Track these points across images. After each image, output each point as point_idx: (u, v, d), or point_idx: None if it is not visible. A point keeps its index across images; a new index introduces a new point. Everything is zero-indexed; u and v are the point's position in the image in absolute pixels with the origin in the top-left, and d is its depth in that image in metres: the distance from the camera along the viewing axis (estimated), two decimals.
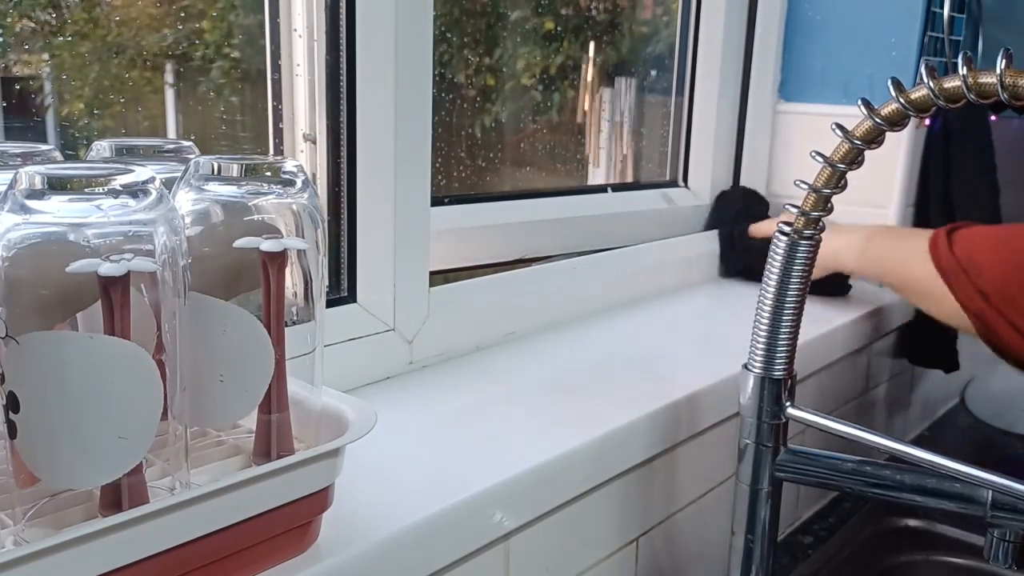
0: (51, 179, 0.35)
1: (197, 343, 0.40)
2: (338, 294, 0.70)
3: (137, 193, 0.36)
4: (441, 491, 0.52)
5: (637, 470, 0.67)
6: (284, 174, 0.42)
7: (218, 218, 0.41)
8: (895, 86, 0.53)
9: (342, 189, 0.69)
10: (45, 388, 0.34)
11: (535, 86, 1.03)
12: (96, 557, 0.34)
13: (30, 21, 0.59)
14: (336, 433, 0.44)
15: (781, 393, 0.62)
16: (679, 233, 1.10)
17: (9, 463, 0.36)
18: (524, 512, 0.57)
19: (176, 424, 0.39)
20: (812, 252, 0.60)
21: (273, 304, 0.42)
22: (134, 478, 0.37)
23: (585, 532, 0.64)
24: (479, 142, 0.96)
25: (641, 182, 1.17)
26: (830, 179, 0.57)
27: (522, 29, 1.01)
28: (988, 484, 0.56)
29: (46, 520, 0.38)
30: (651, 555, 0.72)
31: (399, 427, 0.61)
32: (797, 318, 0.61)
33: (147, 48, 0.64)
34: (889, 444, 0.59)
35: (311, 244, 0.43)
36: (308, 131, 0.69)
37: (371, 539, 0.47)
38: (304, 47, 0.68)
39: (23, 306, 0.34)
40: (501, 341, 0.81)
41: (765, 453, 0.63)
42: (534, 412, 0.65)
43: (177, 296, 0.38)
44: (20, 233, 0.34)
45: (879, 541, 0.96)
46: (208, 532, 0.38)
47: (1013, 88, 0.49)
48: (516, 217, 0.90)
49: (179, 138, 0.65)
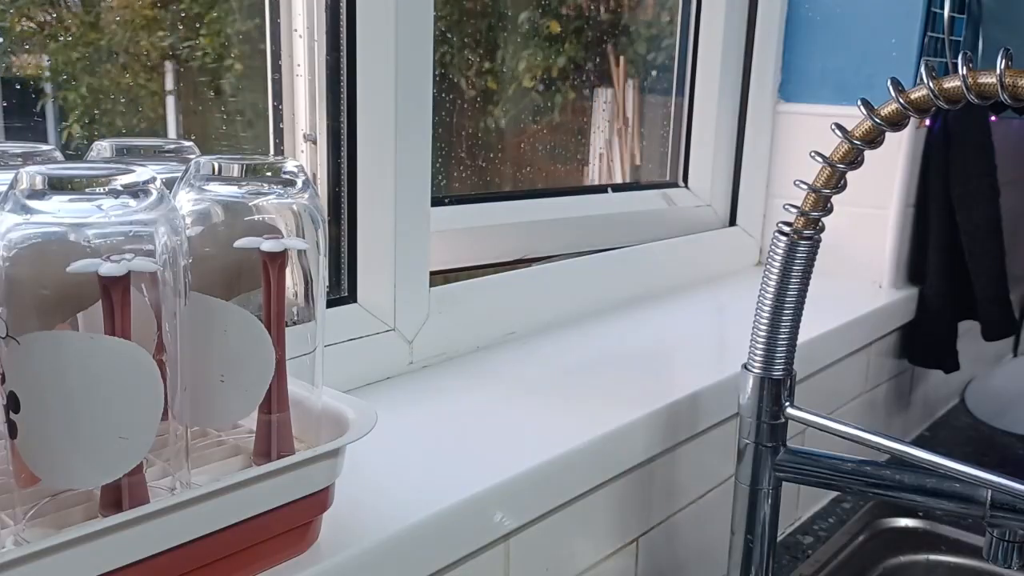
0: (52, 179, 0.35)
1: (198, 343, 0.40)
2: (338, 294, 0.70)
3: (138, 193, 0.36)
4: (441, 491, 0.52)
5: (637, 470, 0.67)
6: (285, 174, 0.42)
7: (219, 218, 0.41)
8: (895, 86, 0.53)
9: (342, 189, 0.69)
10: (46, 388, 0.34)
11: (535, 82, 1.03)
12: (96, 557, 0.34)
13: (30, 21, 0.59)
14: (336, 433, 0.44)
15: (781, 393, 0.62)
16: (679, 233, 1.10)
17: (9, 463, 0.36)
18: (524, 512, 0.57)
19: (176, 424, 0.39)
20: (812, 252, 0.60)
21: (274, 304, 0.42)
22: (134, 478, 0.37)
23: (585, 532, 0.64)
24: (479, 142, 0.96)
25: (641, 182, 1.17)
26: (830, 179, 0.57)
27: (523, 30, 1.01)
28: (988, 484, 0.56)
29: (46, 520, 0.38)
30: (651, 555, 0.72)
31: (399, 427, 0.61)
32: (797, 318, 0.61)
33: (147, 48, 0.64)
34: (889, 444, 0.59)
35: (311, 244, 0.43)
36: (308, 131, 0.69)
37: (371, 539, 0.47)
38: (304, 47, 0.68)
39: (24, 306, 0.34)
40: (501, 341, 0.81)
41: (765, 453, 0.63)
42: (534, 412, 0.65)
43: (178, 296, 0.38)
44: (21, 233, 0.34)
45: (879, 541, 0.96)
46: (208, 532, 0.38)
47: (1013, 88, 0.49)
48: (516, 217, 0.90)
49: (179, 138, 0.65)
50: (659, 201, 1.11)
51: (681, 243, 1.08)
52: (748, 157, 1.17)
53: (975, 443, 1.26)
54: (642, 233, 1.05)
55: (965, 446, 1.25)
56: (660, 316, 0.94)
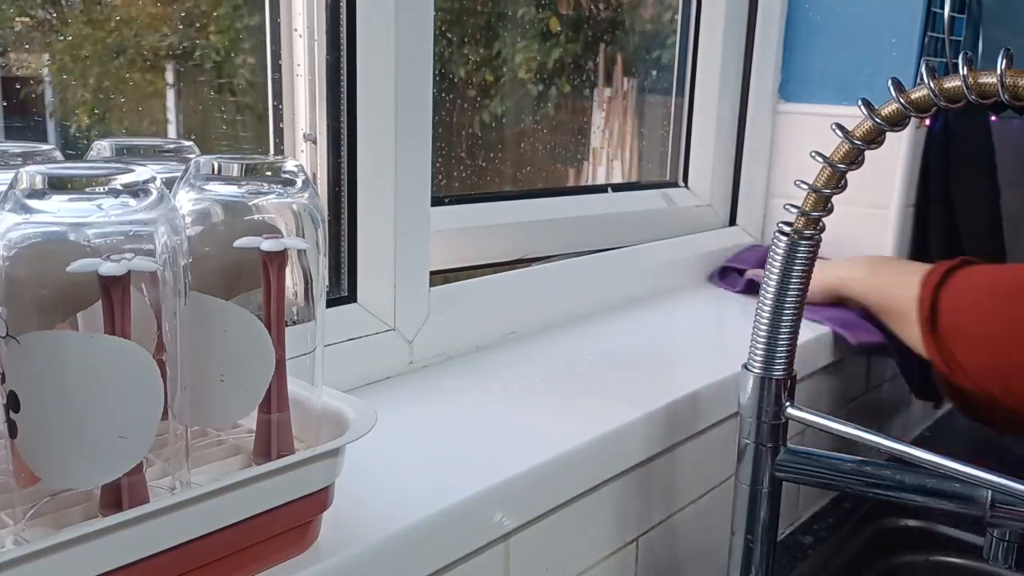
0: (52, 179, 0.35)
1: (197, 343, 0.40)
2: (338, 294, 0.70)
3: (138, 193, 0.36)
4: (441, 491, 0.52)
5: (637, 470, 0.67)
6: (284, 174, 0.42)
7: (218, 218, 0.41)
8: (895, 86, 0.53)
9: (342, 189, 0.69)
10: (45, 388, 0.34)
11: (535, 85, 1.03)
12: (96, 557, 0.34)
13: (31, 20, 0.59)
14: (336, 433, 0.44)
15: (781, 393, 0.62)
16: (679, 233, 1.10)
17: (9, 463, 0.36)
18: (524, 512, 0.57)
19: (176, 424, 0.39)
20: (812, 252, 0.60)
21: (273, 304, 0.42)
22: (134, 478, 0.37)
23: (585, 532, 0.64)
24: (479, 141, 0.96)
25: (641, 182, 1.17)
26: (830, 179, 0.57)
27: (523, 28, 1.01)
28: (988, 484, 0.56)
29: (46, 520, 0.38)
30: (651, 555, 0.72)
31: (399, 427, 0.61)
32: (797, 318, 0.61)
33: (147, 48, 0.64)
34: (889, 444, 0.59)
35: (311, 244, 0.43)
36: (308, 131, 0.69)
37: (371, 539, 0.47)
38: (304, 47, 0.68)
39: (24, 305, 0.34)
40: (501, 341, 0.81)
41: (765, 453, 0.63)
42: (534, 412, 0.65)
43: (178, 296, 0.38)
44: (21, 232, 0.34)
45: (879, 541, 0.96)
46: (208, 532, 0.38)
47: (1013, 88, 0.49)
48: (516, 217, 0.90)
49: (179, 138, 0.65)
50: (659, 201, 1.11)
51: (681, 243, 1.08)
52: (748, 157, 1.17)
53: (975, 443, 1.26)
54: (642, 233, 1.04)
55: (965, 446, 1.25)
56: (660, 316, 0.94)
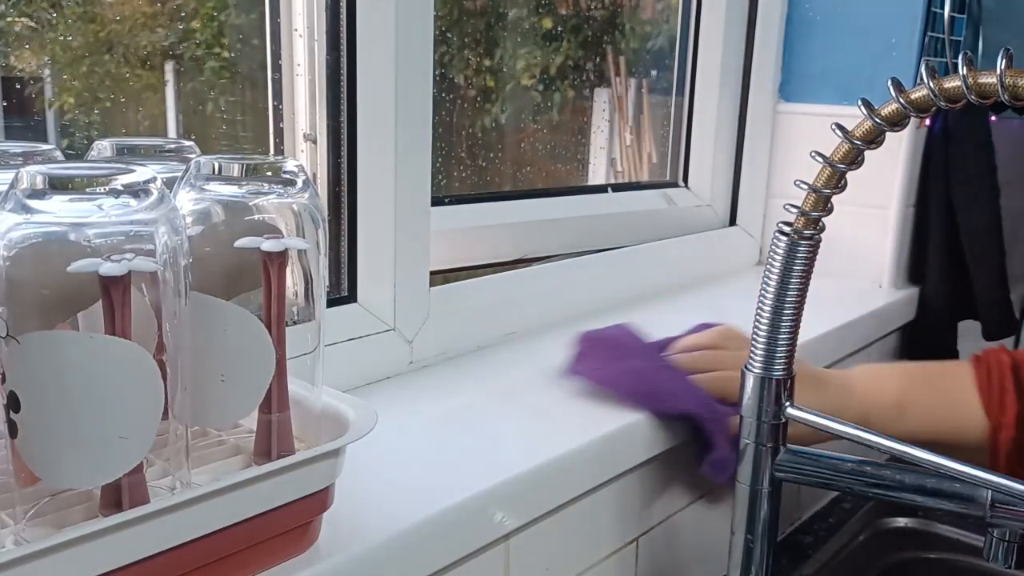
0: (52, 179, 0.35)
1: (198, 343, 0.40)
2: (338, 294, 0.70)
3: (138, 193, 0.36)
4: (441, 491, 0.52)
5: (637, 470, 0.67)
6: (285, 174, 0.42)
7: (219, 218, 0.41)
8: (895, 86, 0.53)
9: (342, 189, 0.69)
10: (46, 388, 0.34)
11: (535, 86, 1.03)
12: (96, 557, 0.34)
13: (30, 20, 0.59)
14: (336, 433, 0.44)
15: (781, 393, 0.62)
16: (679, 233, 1.10)
17: (10, 463, 0.36)
18: (524, 512, 0.57)
19: (177, 424, 0.39)
20: (812, 252, 0.60)
21: (274, 304, 0.42)
22: (134, 478, 0.37)
23: (585, 532, 0.64)
24: (479, 142, 0.96)
25: (641, 182, 1.17)
26: (830, 179, 0.57)
27: (522, 29, 1.01)
28: (988, 484, 0.56)
29: (46, 520, 0.38)
30: (651, 555, 0.72)
31: (399, 427, 0.61)
32: (797, 318, 0.61)
33: (146, 47, 0.64)
34: (889, 444, 0.59)
35: (312, 244, 0.43)
36: (308, 131, 0.69)
37: (371, 539, 0.47)
38: (304, 47, 0.68)
39: (24, 306, 0.34)
40: (501, 341, 0.81)
41: (765, 453, 0.63)
42: (534, 412, 0.65)
43: (178, 296, 0.38)
44: (21, 233, 0.34)
45: (879, 541, 0.96)
46: (208, 532, 0.38)
47: (1013, 88, 0.49)
48: (516, 217, 0.90)
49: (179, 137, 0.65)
50: (659, 201, 1.11)
51: (681, 243, 1.08)
52: (748, 157, 1.17)
53: None
54: (642, 233, 1.04)
55: None
56: (660, 316, 0.94)
